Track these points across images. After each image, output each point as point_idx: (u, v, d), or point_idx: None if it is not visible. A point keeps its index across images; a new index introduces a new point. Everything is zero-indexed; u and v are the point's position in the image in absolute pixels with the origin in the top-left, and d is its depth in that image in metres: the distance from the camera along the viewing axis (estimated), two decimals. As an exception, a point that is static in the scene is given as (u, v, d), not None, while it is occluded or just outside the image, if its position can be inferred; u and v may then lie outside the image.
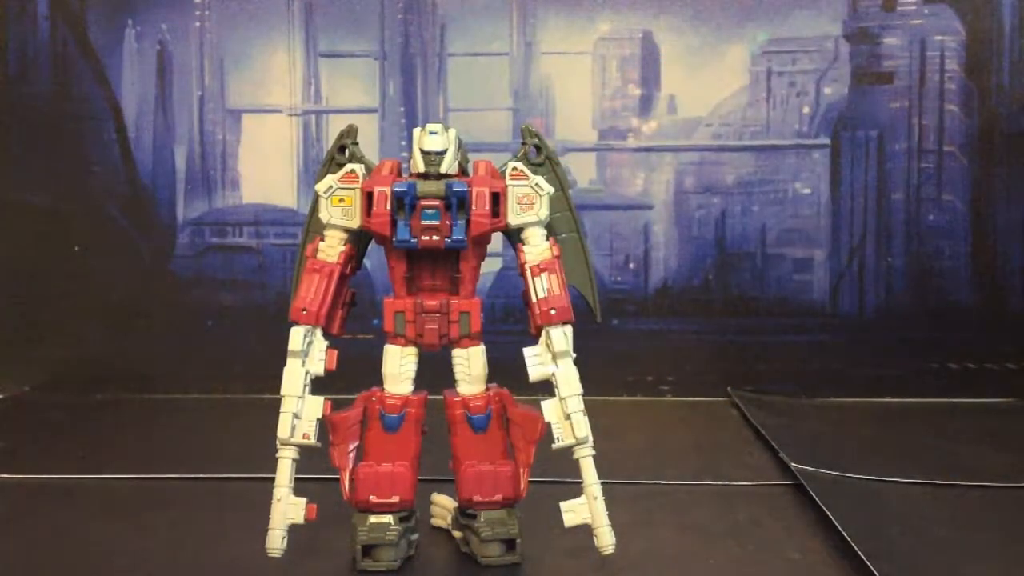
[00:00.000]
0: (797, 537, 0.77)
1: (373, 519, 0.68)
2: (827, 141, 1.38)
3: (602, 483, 0.66)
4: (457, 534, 0.73)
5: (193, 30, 1.41)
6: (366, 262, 0.75)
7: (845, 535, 0.73)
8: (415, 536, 0.72)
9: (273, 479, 0.66)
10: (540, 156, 0.70)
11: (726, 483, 0.93)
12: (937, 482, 0.92)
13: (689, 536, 0.78)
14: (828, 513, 0.78)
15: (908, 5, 1.36)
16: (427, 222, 0.65)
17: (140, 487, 0.93)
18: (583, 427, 0.65)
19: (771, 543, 0.76)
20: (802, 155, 1.38)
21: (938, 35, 1.36)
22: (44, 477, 0.96)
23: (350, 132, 0.71)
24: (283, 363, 0.67)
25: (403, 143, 1.39)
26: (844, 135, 1.38)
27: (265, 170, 1.42)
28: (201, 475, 0.95)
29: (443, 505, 0.77)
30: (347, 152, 0.70)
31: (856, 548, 0.70)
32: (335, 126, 1.40)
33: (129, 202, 1.42)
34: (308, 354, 0.67)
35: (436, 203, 0.65)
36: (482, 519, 0.69)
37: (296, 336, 0.66)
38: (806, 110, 1.38)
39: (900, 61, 1.36)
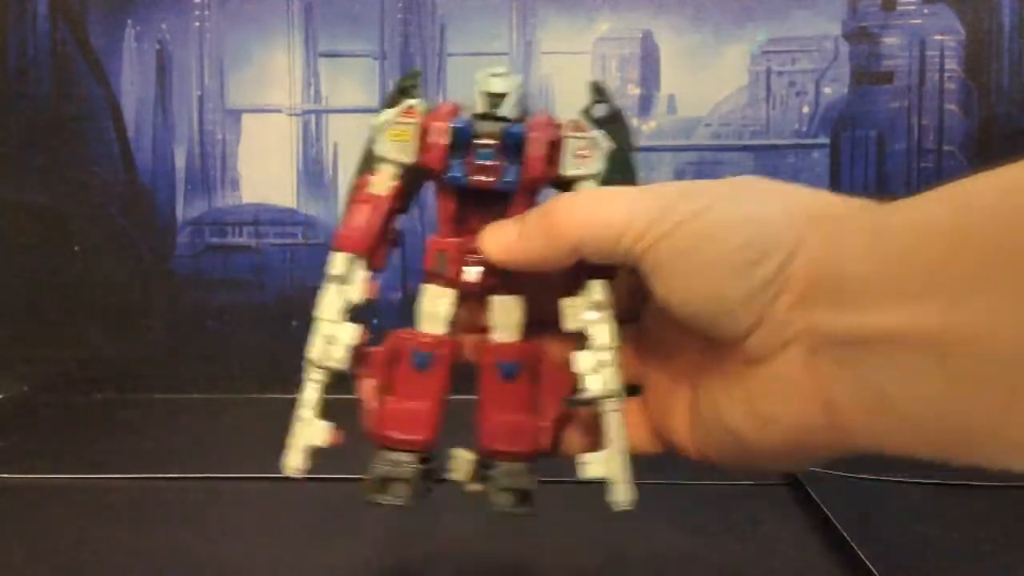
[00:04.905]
0: (797, 537, 0.77)
1: (392, 454, 0.66)
2: (827, 141, 1.38)
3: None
4: (475, 487, 0.71)
5: (193, 30, 1.41)
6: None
7: (845, 535, 0.73)
8: (431, 483, 0.70)
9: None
10: (605, 112, 0.67)
11: (726, 483, 0.93)
12: (937, 482, 0.92)
13: (689, 536, 0.78)
14: (828, 513, 0.78)
15: (908, 5, 1.36)
16: (481, 162, 0.63)
17: (140, 487, 0.93)
18: (614, 380, 0.62)
19: (771, 543, 0.76)
20: (802, 155, 1.38)
21: (938, 35, 1.36)
22: (44, 477, 0.96)
23: (414, 75, 0.68)
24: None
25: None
26: (844, 135, 1.38)
27: (265, 170, 1.42)
28: (201, 475, 0.95)
29: (463, 458, 0.75)
30: (410, 94, 0.67)
31: (856, 548, 0.70)
32: (335, 126, 1.40)
33: (129, 202, 1.42)
34: (348, 281, 0.64)
35: (492, 143, 0.63)
36: (500, 468, 0.67)
37: (337, 261, 0.64)
38: (806, 110, 1.38)
39: (900, 61, 1.37)
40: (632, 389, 0.64)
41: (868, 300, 0.47)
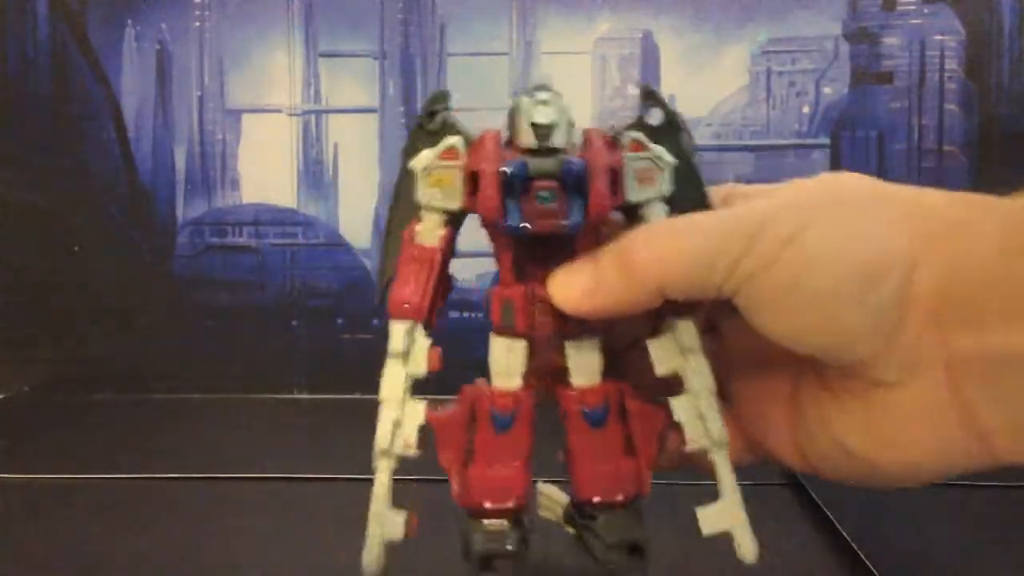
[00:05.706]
0: (797, 537, 0.77)
1: (488, 525, 0.61)
2: (827, 141, 1.38)
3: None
4: (571, 530, 0.66)
5: (193, 30, 1.41)
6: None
7: (845, 535, 0.73)
8: (529, 538, 0.64)
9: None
10: (661, 119, 0.60)
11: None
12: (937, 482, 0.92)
13: (689, 536, 0.78)
14: (828, 513, 0.78)
15: (908, 5, 1.36)
16: (542, 205, 0.55)
17: (140, 487, 0.93)
18: (720, 429, 0.58)
19: (771, 543, 0.76)
20: (802, 155, 1.38)
21: (938, 35, 1.36)
22: (44, 477, 0.96)
23: (442, 97, 0.60)
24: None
25: (403, 143, 1.39)
26: (844, 135, 1.38)
27: (265, 170, 1.42)
28: (201, 475, 0.95)
29: (552, 497, 0.69)
30: (438, 119, 0.60)
31: (856, 548, 0.70)
32: (335, 126, 1.40)
33: (129, 202, 1.42)
34: (409, 353, 0.58)
35: (551, 183, 0.55)
36: (603, 521, 0.62)
37: (397, 334, 0.58)
38: (806, 110, 1.38)
39: (900, 61, 1.37)
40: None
41: (1009, 315, 0.43)
